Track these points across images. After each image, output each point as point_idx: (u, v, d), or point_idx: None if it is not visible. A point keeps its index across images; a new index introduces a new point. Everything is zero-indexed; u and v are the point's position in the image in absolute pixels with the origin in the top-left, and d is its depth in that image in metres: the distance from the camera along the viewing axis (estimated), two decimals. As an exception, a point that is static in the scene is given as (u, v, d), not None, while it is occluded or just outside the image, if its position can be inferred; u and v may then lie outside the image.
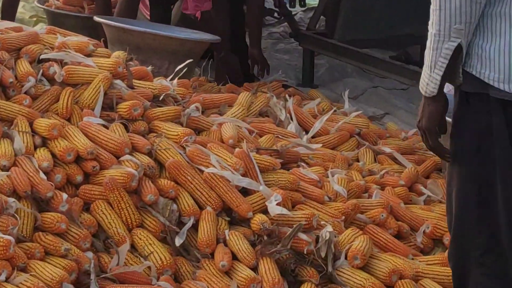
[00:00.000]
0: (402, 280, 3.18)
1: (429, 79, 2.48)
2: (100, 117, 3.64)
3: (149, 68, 4.32)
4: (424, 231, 3.66)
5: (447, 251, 3.51)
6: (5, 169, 3.18)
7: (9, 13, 6.07)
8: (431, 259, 3.46)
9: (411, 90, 6.17)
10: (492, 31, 2.42)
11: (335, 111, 5.08)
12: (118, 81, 3.87)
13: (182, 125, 3.85)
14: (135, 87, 3.99)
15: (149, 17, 6.63)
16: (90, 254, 3.01)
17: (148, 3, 6.73)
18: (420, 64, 6.54)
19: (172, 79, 4.49)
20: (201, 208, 3.30)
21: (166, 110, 3.85)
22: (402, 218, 3.76)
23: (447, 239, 3.58)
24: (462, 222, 2.60)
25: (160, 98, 4.01)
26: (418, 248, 3.65)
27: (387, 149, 4.51)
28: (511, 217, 2.52)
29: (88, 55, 4.01)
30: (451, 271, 3.21)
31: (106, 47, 4.78)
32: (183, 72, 4.75)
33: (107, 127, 3.56)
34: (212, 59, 5.94)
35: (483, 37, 2.43)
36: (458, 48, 2.41)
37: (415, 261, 3.43)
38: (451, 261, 2.71)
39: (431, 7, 2.44)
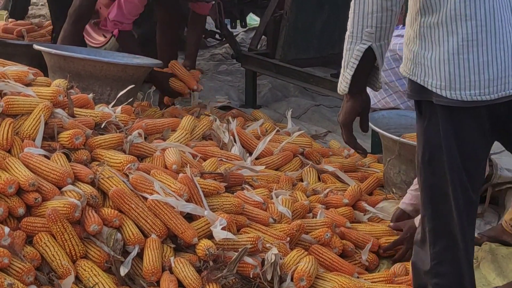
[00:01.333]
0: (348, 300, 3.21)
1: (342, 78, 2.58)
2: (42, 147, 3.61)
3: (90, 95, 4.30)
4: (370, 248, 3.71)
5: (392, 267, 3.57)
6: None
7: None
8: (376, 277, 3.50)
9: (353, 107, 6.24)
10: (431, 40, 2.49)
11: (278, 131, 5.12)
12: (59, 110, 3.85)
13: (125, 152, 3.85)
14: (77, 116, 3.97)
15: (92, 44, 6.63)
16: (34, 288, 2.98)
17: (90, 31, 6.73)
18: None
19: (114, 106, 4.48)
20: (146, 236, 3.30)
21: (108, 137, 3.84)
22: (347, 236, 3.81)
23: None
24: (422, 231, 2.66)
25: (102, 126, 3.99)
26: (364, 266, 3.69)
27: (330, 168, 4.55)
28: (465, 229, 2.57)
29: (28, 84, 3.99)
30: (395, 287, 3.27)
31: (47, 75, 4.76)
32: (126, 98, 4.76)
33: (48, 157, 3.53)
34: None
35: (424, 47, 2.51)
36: (369, 50, 2.50)
37: (361, 279, 3.47)
38: (412, 269, 2.76)
39: (350, 10, 2.53)
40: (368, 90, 3.49)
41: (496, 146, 2.72)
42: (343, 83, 2.59)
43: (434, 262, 2.63)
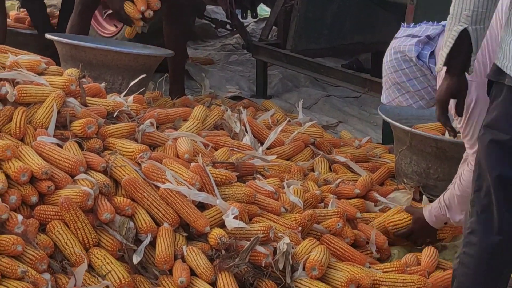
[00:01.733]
0: (360, 289, 3.22)
1: (440, 57, 2.75)
2: (54, 136, 3.62)
3: (102, 84, 4.31)
4: (376, 240, 3.71)
5: (404, 257, 3.58)
6: (-41, 192, 3.15)
7: None
8: (387, 267, 3.50)
9: (363, 97, 6.24)
10: None
11: (289, 121, 5.12)
12: (71, 99, 3.86)
13: (137, 141, 3.85)
14: (89, 105, 3.98)
15: (102, 34, 6.64)
16: (47, 276, 2.99)
17: (100, 19, 6.73)
18: (371, 72, 6.64)
19: (126, 95, 4.49)
20: (158, 224, 3.31)
21: (120, 127, 3.85)
22: (358, 227, 3.82)
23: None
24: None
25: (114, 115, 4.00)
26: (375, 256, 3.70)
27: (342, 158, 4.55)
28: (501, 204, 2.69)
29: (40, 73, 3.99)
30: (406, 277, 3.27)
31: (59, 64, 4.77)
32: (138, 88, 4.77)
33: (61, 146, 3.54)
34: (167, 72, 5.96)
35: (508, 32, 2.67)
36: (465, 32, 2.64)
37: (372, 269, 3.47)
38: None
39: None
40: (384, 88, 3.53)
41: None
42: (439, 61, 2.75)
43: (468, 231, 2.76)
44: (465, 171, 3.41)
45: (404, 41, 3.48)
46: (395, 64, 3.48)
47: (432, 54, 3.42)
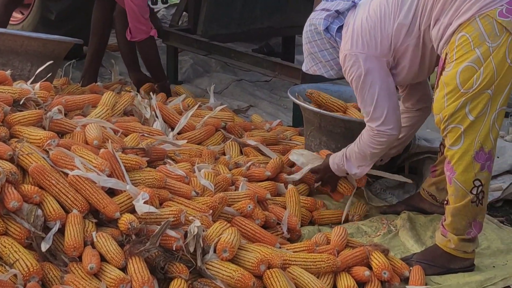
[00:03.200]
0: (271, 269, 3.24)
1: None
2: (-42, 125, 3.55)
3: (8, 72, 4.23)
4: (288, 221, 3.76)
5: (313, 237, 3.64)
6: None
7: None
8: (298, 246, 3.55)
9: (274, 81, 6.30)
10: None
11: (200, 106, 5.12)
12: (-25, 87, 3.79)
13: (44, 128, 3.80)
14: (-6, 92, 3.91)
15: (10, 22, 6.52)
16: (-47, 266, 2.93)
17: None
18: (282, 56, 6.69)
19: (33, 82, 4.42)
20: (67, 211, 3.27)
21: (27, 114, 3.79)
22: (268, 209, 3.86)
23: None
24: None
25: (21, 103, 3.94)
26: (285, 237, 3.75)
27: (252, 142, 4.59)
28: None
29: None
30: (316, 256, 3.36)
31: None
32: (46, 75, 4.69)
33: (-35, 135, 3.47)
34: (75, 59, 5.89)
35: None
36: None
37: (283, 249, 3.52)
38: None
39: None
40: (305, 55, 3.92)
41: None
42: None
43: None
44: (364, 133, 3.81)
45: (318, 14, 3.79)
46: (309, 35, 3.81)
47: (340, 28, 3.73)
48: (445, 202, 3.51)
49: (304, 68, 3.96)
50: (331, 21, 3.75)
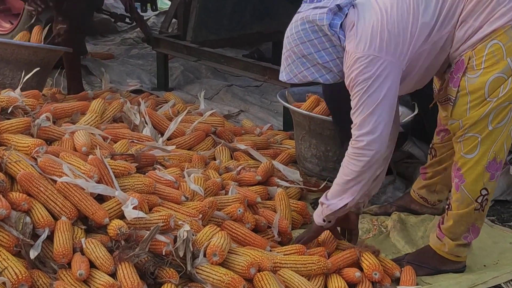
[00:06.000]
0: (261, 272, 3.24)
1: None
2: None
3: (-3, 80, 4.23)
4: (279, 224, 3.75)
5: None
6: None
7: None
8: (288, 249, 3.54)
9: (264, 86, 6.29)
10: None
11: (189, 112, 5.12)
12: (-37, 96, 3.78)
13: (33, 136, 3.79)
14: (-19, 101, 3.90)
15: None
16: None
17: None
18: (272, 61, 6.67)
19: (24, 90, 4.41)
20: (56, 218, 3.26)
21: (14, 122, 3.78)
22: (259, 213, 3.86)
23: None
24: None
25: (9, 111, 3.94)
26: (276, 241, 3.74)
27: (242, 146, 4.58)
28: None
29: None
30: (307, 258, 3.34)
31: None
32: (36, 83, 4.69)
33: (-47, 144, 3.46)
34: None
35: None
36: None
37: (273, 252, 3.51)
38: None
39: None
40: (284, 65, 3.40)
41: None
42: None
43: None
44: (346, 154, 3.34)
45: (313, 12, 3.31)
46: (303, 35, 3.29)
47: (342, 24, 3.28)
48: (447, 207, 3.46)
49: (285, 78, 3.41)
50: (332, 16, 3.27)
